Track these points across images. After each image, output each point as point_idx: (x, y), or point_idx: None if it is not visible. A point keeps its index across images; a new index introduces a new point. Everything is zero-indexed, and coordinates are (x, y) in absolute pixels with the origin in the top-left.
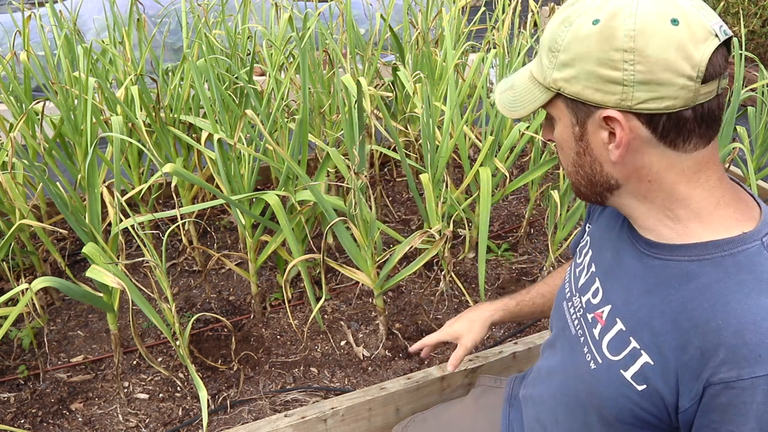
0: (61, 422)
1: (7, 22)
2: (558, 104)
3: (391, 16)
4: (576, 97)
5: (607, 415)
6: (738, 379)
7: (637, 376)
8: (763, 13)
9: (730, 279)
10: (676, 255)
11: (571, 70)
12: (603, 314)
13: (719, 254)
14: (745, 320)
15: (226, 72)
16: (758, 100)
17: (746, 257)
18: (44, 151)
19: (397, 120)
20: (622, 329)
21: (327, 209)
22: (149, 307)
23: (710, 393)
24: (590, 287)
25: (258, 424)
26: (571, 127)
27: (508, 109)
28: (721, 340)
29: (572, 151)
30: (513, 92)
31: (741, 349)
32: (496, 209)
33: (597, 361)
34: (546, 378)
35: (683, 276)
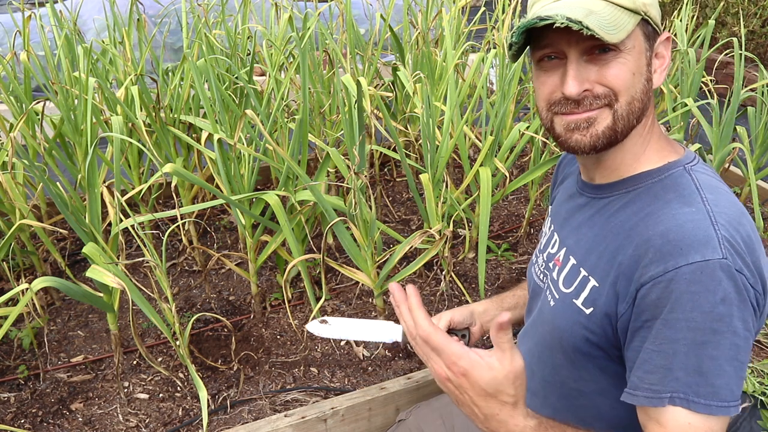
0: (61, 422)
1: (7, 22)
2: (636, 31)
3: (391, 16)
4: (653, 20)
5: (567, 348)
6: (664, 272)
7: (586, 301)
8: (763, 13)
9: (659, 199)
10: (615, 191)
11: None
12: (560, 258)
13: (650, 182)
14: (669, 224)
15: (226, 72)
16: (758, 100)
17: (671, 180)
18: (44, 151)
19: (397, 120)
20: (574, 263)
21: (327, 209)
22: (149, 307)
23: (642, 294)
24: (550, 242)
25: (258, 424)
26: (645, 53)
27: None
28: (650, 244)
29: (643, 77)
30: (601, 17)
31: (665, 247)
32: (496, 209)
33: (555, 297)
34: (522, 339)
35: (622, 205)
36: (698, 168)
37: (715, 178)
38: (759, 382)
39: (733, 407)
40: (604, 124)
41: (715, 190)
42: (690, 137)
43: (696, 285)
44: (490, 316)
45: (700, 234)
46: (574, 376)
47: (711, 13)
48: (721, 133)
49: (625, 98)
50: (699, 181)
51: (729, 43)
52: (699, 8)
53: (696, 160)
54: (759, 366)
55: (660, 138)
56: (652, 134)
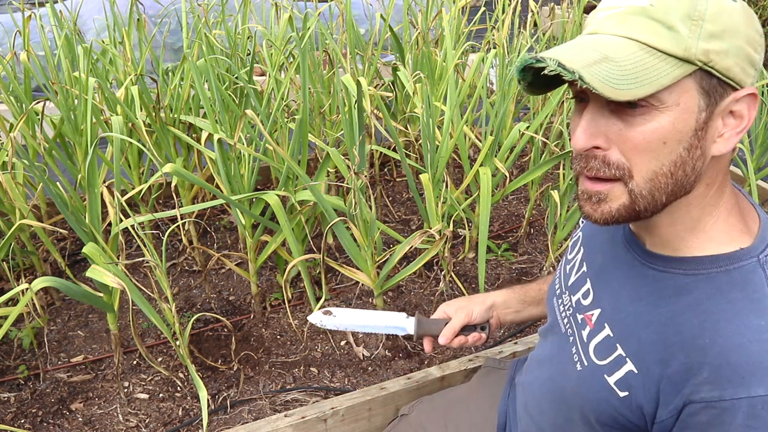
0: (61, 422)
1: (7, 22)
2: (687, 84)
3: (391, 16)
4: (724, 74)
5: (588, 416)
6: (720, 399)
7: (620, 382)
8: (763, 13)
9: (722, 297)
10: (671, 267)
11: (722, 42)
12: (593, 317)
13: (714, 270)
14: (731, 341)
15: (226, 72)
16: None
17: (740, 275)
18: (44, 151)
19: (397, 120)
20: (610, 335)
21: (327, 209)
22: (149, 307)
23: (690, 410)
24: (581, 287)
25: (258, 424)
26: (696, 114)
27: (615, 87)
28: (705, 358)
29: (681, 147)
30: (616, 65)
31: (725, 370)
32: (496, 209)
33: (583, 363)
34: (536, 368)
35: (675, 289)
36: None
37: None
38: None
39: None
40: (619, 202)
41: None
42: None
43: (756, 421)
44: (510, 308)
45: (766, 361)
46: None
47: None
48: None
49: (644, 174)
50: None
51: None
52: None
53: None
54: None
55: (732, 212)
56: (719, 206)
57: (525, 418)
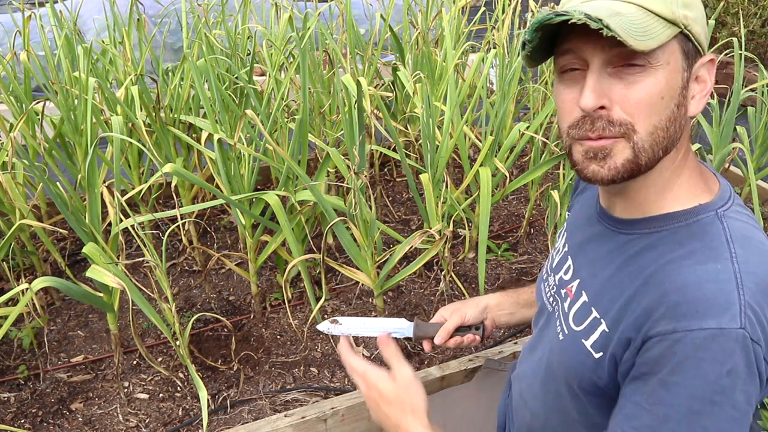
0: (61, 422)
1: (7, 22)
2: (673, 46)
3: (391, 16)
4: (696, 38)
5: (572, 384)
6: (674, 331)
7: (595, 344)
8: (763, 13)
9: (683, 248)
10: (638, 228)
11: (692, 10)
12: (572, 288)
13: (675, 225)
14: (689, 280)
15: (226, 72)
16: (758, 100)
17: (699, 227)
18: (44, 151)
19: (397, 120)
20: (586, 300)
21: (327, 209)
22: (149, 307)
23: (647, 346)
24: (563, 265)
25: (258, 424)
26: (681, 72)
27: (634, 36)
28: (665, 298)
29: (673, 102)
30: (628, 19)
31: (681, 306)
32: (496, 209)
33: (564, 332)
34: (528, 355)
35: (643, 247)
36: (732, 212)
37: (750, 223)
38: None
39: None
40: (623, 156)
41: (747, 243)
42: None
43: (704, 352)
44: (504, 310)
45: (720, 298)
46: (577, 410)
47: (711, 13)
48: (721, 133)
49: (645, 128)
50: (730, 231)
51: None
52: None
53: (731, 201)
54: None
55: (693, 173)
56: (684, 168)
57: (520, 407)
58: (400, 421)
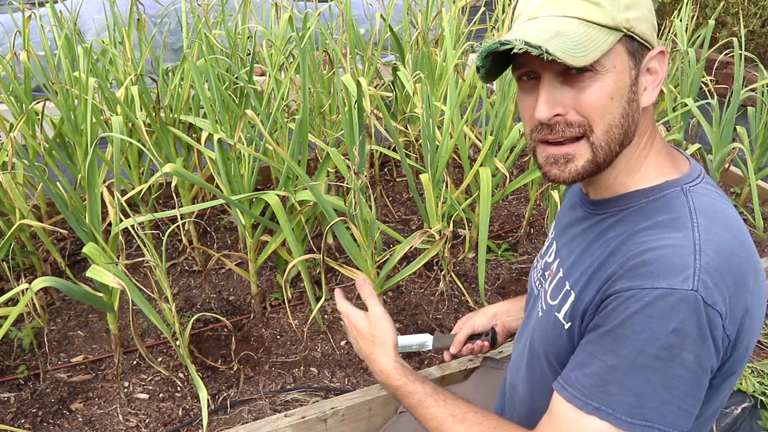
0: (61, 422)
1: (7, 22)
2: (618, 49)
3: (391, 16)
4: (641, 37)
5: (550, 358)
6: (628, 289)
7: (566, 315)
8: (763, 13)
9: (649, 220)
10: (609, 207)
11: (635, 11)
12: (553, 268)
13: (643, 201)
14: (649, 246)
15: (226, 72)
16: (758, 100)
17: (664, 201)
18: (44, 151)
19: (397, 120)
20: (561, 276)
21: (327, 209)
22: (149, 307)
23: (605, 304)
24: (549, 249)
25: (258, 424)
26: (628, 72)
27: (573, 55)
28: (626, 263)
29: (623, 100)
30: (568, 38)
31: (638, 267)
32: (496, 209)
33: (542, 308)
34: (517, 343)
35: (613, 223)
36: (699, 188)
37: (717, 199)
38: (759, 382)
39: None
40: (584, 158)
41: (711, 215)
42: (690, 137)
43: (652, 309)
44: (512, 316)
45: (676, 261)
46: None
47: (711, 13)
48: (721, 133)
49: (601, 127)
50: (694, 204)
51: (729, 43)
52: (699, 8)
53: (699, 179)
54: (759, 366)
55: (660, 154)
56: (650, 150)
57: (512, 395)
58: (370, 353)
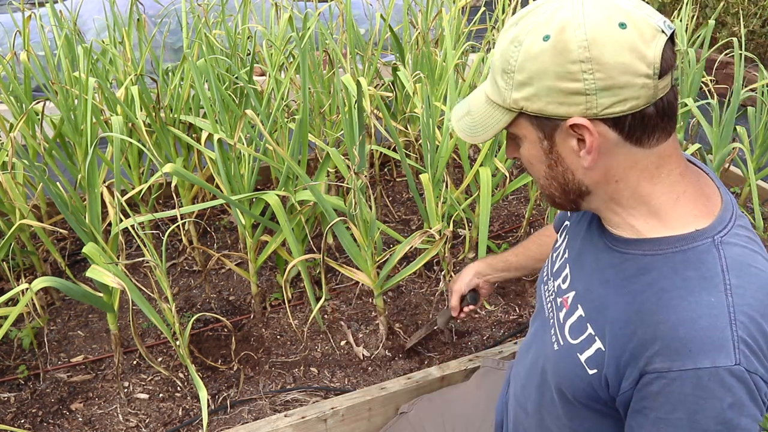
0: (61, 422)
1: (7, 22)
2: (522, 122)
3: (391, 16)
4: (540, 114)
5: (566, 393)
6: (669, 370)
7: (589, 360)
8: (763, 13)
9: (677, 275)
10: (633, 249)
11: (530, 88)
12: (568, 299)
13: (671, 250)
14: (682, 316)
15: (226, 72)
16: (758, 100)
17: (695, 254)
18: (44, 151)
19: (397, 120)
20: (582, 315)
21: (327, 209)
22: (149, 307)
23: (644, 381)
24: (562, 272)
25: (258, 424)
26: (539, 142)
27: (470, 135)
28: (658, 333)
29: (543, 165)
30: (471, 118)
31: (674, 343)
32: (496, 209)
33: (560, 343)
34: (524, 355)
35: (637, 270)
36: (732, 237)
37: (749, 246)
38: None
39: None
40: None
41: (744, 272)
42: (690, 137)
43: (702, 391)
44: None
45: (714, 335)
46: (569, 415)
47: (711, 13)
48: (721, 133)
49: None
50: (726, 260)
51: (729, 43)
52: (699, 8)
53: (731, 222)
54: None
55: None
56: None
57: (514, 405)
58: None
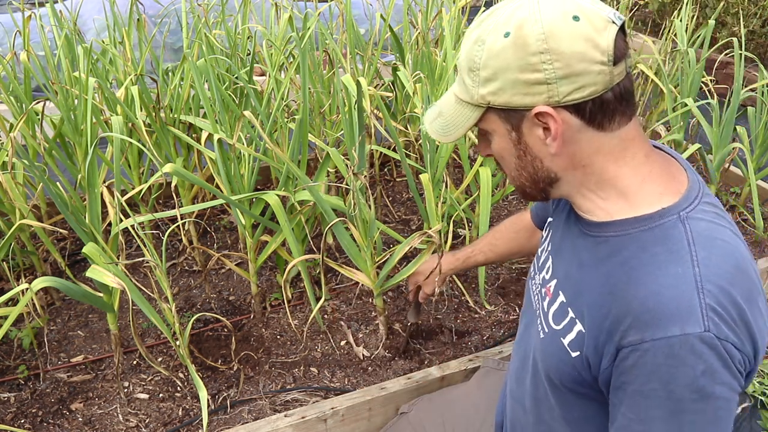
0: (61, 422)
1: (7, 22)
2: (490, 117)
3: (391, 16)
4: (506, 106)
5: (554, 380)
6: (642, 341)
7: (572, 343)
8: (763, 13)
9: (646, 252)
10: (604, 231)
11: (495, 83)
12: (551, 288)
13: (639, 229)
14: (650, 289)
15: (226, 72)
16: (758, 100)
17: (661, 231)
18: (44, 151)
19: (397, 120)
20: (563, 301)
21: (326, 210)
22: (149, 307)
23: (621, 356)
24: (546, 264)
25: (258, 424)
26: (507, 134)
27: (442, 135)
28: (630, 307)
29: (513, 156)
30: (443, 119)
31: (645, 315)
32: (496, 209)
33: (545, 330)
34: (516, 351)
35: (609, 251)
36: (697, 212)
37: (715, 221)
38: (759, 382)
39: None
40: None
41: (709, 243)
42: (690, 137)
43: (674, 359)
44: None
45: (682, 304)
46: (560, 404)
47: (711, 13)
48: (721, 133)
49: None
50: (692, 234)
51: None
52: (699, 8)
53: (697, 200)
54: (759, 366)
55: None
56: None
57: (511, 403)
58: None
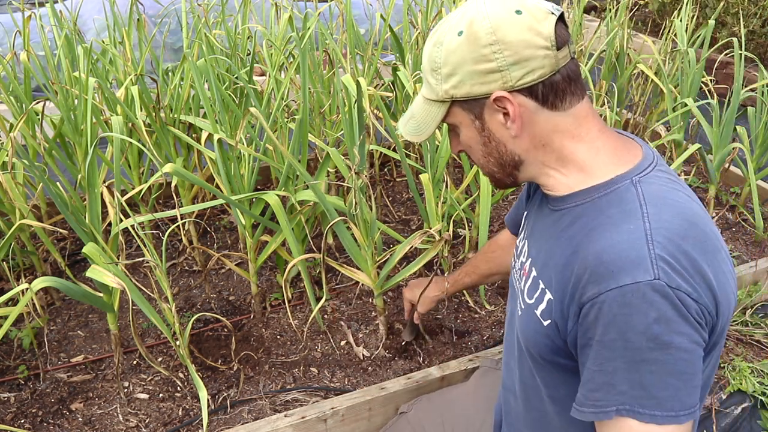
0: (61, 422)
1: (7, 22)
2: (455, 111)
3: (391, 16)
4: (468, 97)
5: (534, 354)
6: (598, 294)
7: (544, 312)
8: (763, 13)
9: (603, 214)
10: (567, 204)
11: (455, 77)
12: (526, 268)
13: (597, 196)
14: (604, 244)
15: (226, 72)
16: (758, 100)
17: (616, 195)
18: (44, 151)
19: (397, 120)
20: (535, 275)
21: (328, 208)
22: (149, 307)
23: (583, 313)
24: (523, 249)
25: (258, 424)
26: (472, 124)
27: (415, 135)
28: (587, 264)
29: (479, 144)
30: (414, 120)
31: (599, 268)
32: (496, 209)
33: (521, 307)
34: (505, 341)
35: (572, 219)
36: (650, 178)
37: (668, 185)
38: (759, 382)
39: (685, 416)
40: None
41: (660, 202)
42: (690, 137)
43: (627, 308)
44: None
45: (632, 255)
46: (544, 381)
47: (711, 13)
48: (721, 133)
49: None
50: (644, 194)
51: (729, 43)
52: (699, 8)
53: (651, 167)
54: (759, 366)
55: (607, 150)
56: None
57: (504, 394)
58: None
